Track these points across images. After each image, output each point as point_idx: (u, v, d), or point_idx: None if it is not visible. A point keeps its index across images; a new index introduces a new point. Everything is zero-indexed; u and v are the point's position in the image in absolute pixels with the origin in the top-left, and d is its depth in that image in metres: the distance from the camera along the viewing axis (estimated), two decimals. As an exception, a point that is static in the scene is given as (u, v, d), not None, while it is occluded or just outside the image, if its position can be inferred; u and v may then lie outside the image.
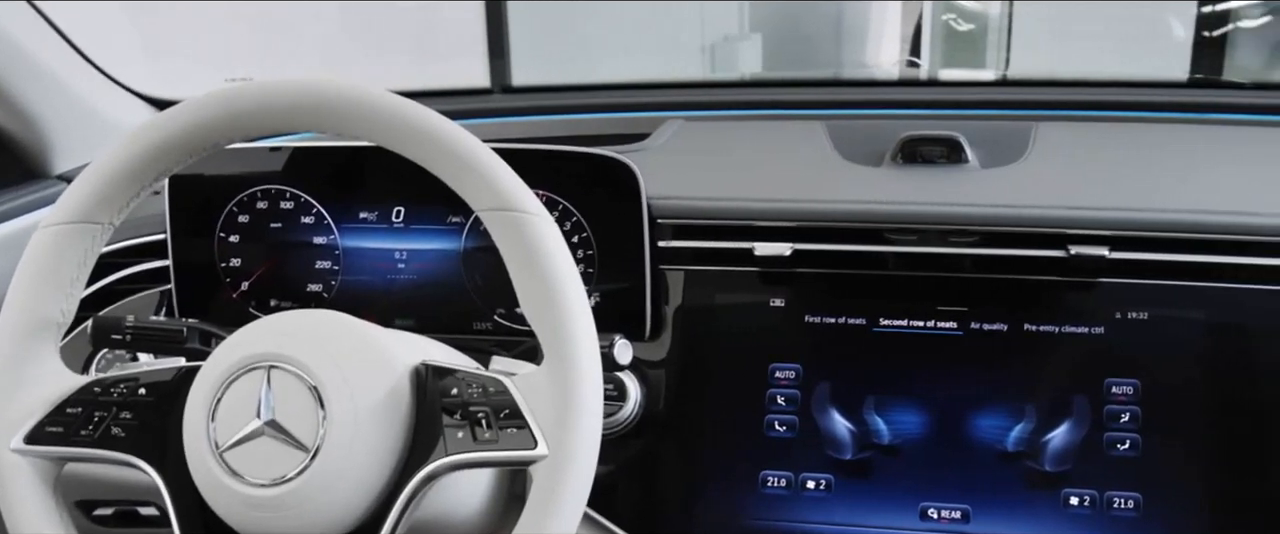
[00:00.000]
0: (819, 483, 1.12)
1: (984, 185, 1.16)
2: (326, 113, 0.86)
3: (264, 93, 0.88)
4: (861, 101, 1.41)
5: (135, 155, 0.89)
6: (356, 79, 0.88)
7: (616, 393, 1.13)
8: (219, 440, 0.83)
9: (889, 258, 1.13)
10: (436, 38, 3.00)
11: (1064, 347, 1.09)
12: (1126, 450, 1.07)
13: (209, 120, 0.88)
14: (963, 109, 1.38)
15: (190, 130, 0.88)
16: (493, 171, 0.86)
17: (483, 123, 1.42)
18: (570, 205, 1.15)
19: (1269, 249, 1.07)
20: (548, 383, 0.83)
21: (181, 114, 0.89)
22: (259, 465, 0.82)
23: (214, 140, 0.89)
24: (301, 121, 0.88)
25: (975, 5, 4.67)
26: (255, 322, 0.89)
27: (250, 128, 0.89)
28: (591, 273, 1.16)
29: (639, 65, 3.67)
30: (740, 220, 1.15)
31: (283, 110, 0.87)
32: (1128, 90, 1.42)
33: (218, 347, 0.88)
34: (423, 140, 0.86)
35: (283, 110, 0.87)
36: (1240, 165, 1.19)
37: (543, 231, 0.85)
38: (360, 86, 0.86)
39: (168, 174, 0.92)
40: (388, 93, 0.87)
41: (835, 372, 1.13)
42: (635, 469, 1.15)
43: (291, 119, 0.88)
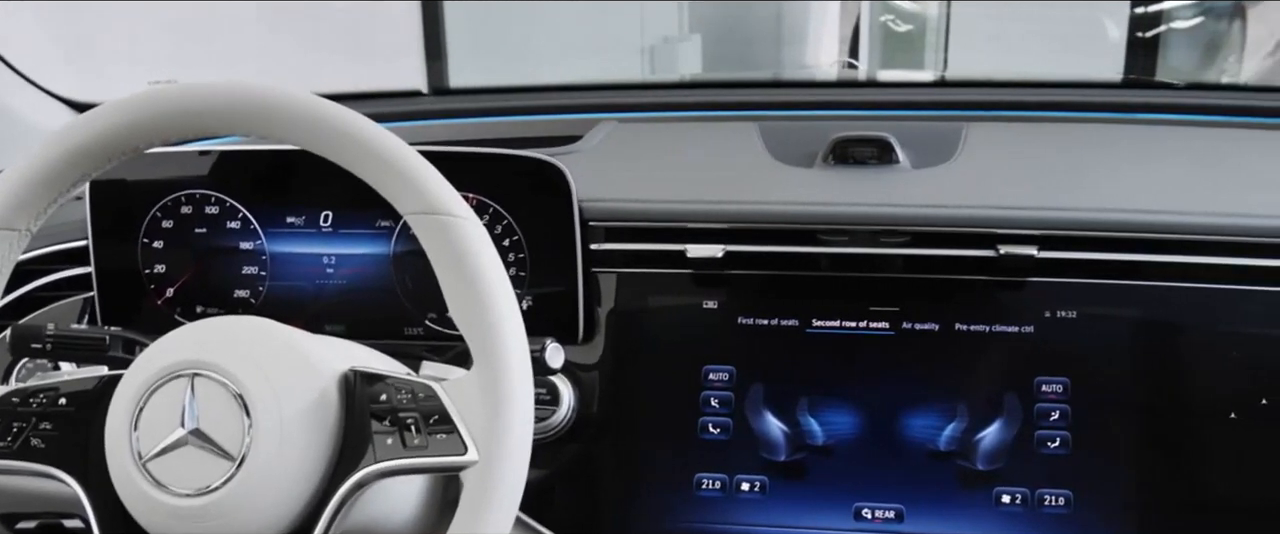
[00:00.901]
0: (753, 485, 1.11)
1: (914, 186, 1.17)
2: (249, 116, 0.85)
3: (185, 96, 0.86)
4: (794, 102, 1.41)
5: (53, 160, 0.87)
6: (282, 81, 0.87)
7: (549, 397, 1.12)
8: (142, 450, 0.81)
9: (821, 259, 1.13)
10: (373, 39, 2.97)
11: (994, 346, 1.10)
12: (1057, 448, 1.07)
13: (129, 124, 0.86)
14: (895, 110, 1.39)
15: (110, 134, 0.87)
16: (419, 174, 0.85)
17: (414, 125, 1.41)
18: (501, 209, 1.14)
19: (1195, 247, 1.08)
20: (477, 388, 0.82)
21: (101, 117, 0.87)
22: (184, 475, 0.80)
23: (135, 144, 0.87)
24: (224, 125, 0.86)
25: (913, 6, 4.70)
26: (179, 329, 0.87)
27: (172, 131, 0.87)
28: (523, 276, 1.15)
29: (579, 67, 3.66)
30: (672, 222, 1.15)
31: (204, 113, 0.86)
32: (1059, 91, 1.44)
33: (140, 354, 0.86)
34: (347, 143, 0.85)
35: (204, 113, 0.86)
36: (1170, 165, 1.21)
37: (470, 235, 0.84)
38: (282, 89, 0.85)
39: (88, 179, 0.90)
40: (311, 95, 0.85)
41: (768, 373, 1.13)
42: (569, 473, 1.15)
43: (214, 122, 0.86)
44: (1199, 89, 2.05)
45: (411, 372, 0.91)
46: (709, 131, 1.34)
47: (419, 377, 0.87)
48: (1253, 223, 1.07)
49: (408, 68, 2.86)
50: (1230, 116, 1.36)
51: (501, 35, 3.58)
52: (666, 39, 4.22)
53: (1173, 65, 4.27)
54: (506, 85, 1.56)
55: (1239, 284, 1.07)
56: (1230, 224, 1.07)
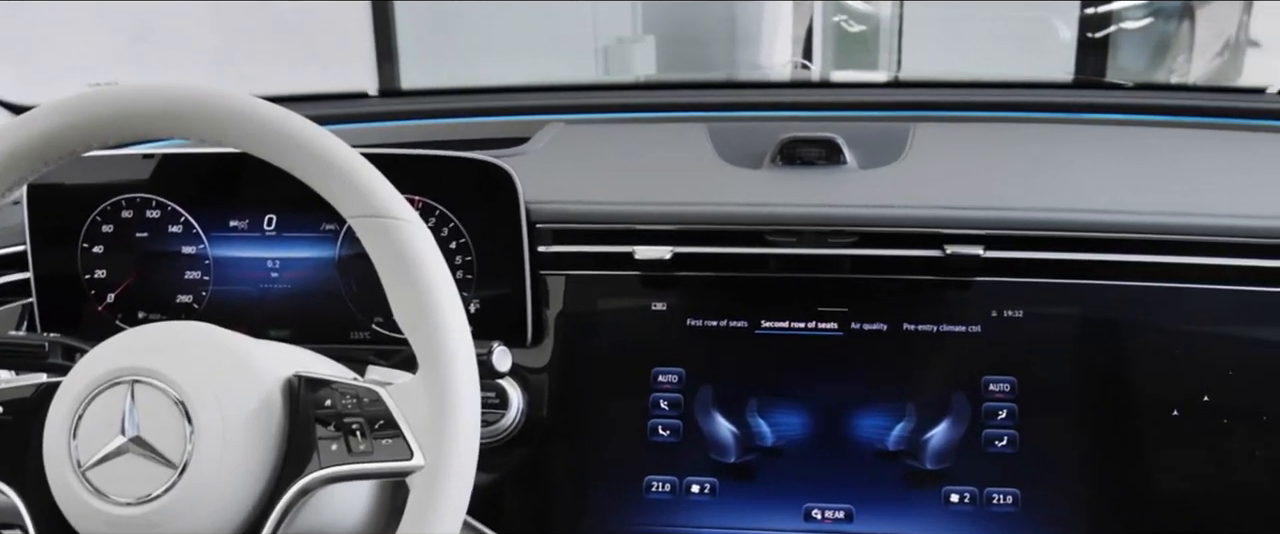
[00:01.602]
0: (703, 486, 1.11)
1: (861, 186, 1.17)
2: (188, 119, 0.84)
3: (123, 98, 0.85)
4: (743, 103, 1.41)
5: None
6: (224, 84, 0.86)
7: (498, 400, 1.12)
8: (81, 458, 0.80)
9: (769, 260, 1.13)
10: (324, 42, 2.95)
11: (942, 346, 1.10)
12: (1004, 447, 1.08)
13: (65, 127, 0.85)
14: (843, 110, 1.39)
15: (46, 137, 0.85)
16: (361, 177, 0.84)
17: (361, 128, 1.40)
18: (447, 211, 1.13)
19: (1140, 246, 1.09)
20: (423, 392, 0.82)
21: (37, 120, 0.85)
22: (124, 483, 0.79)
23: (71, 148, 0.86)
24: (163, 128, 0.85)
25: (866, 7, 4.72)
26: (119, 335, 0.86)
27: (109, 134, 0.86)
28: (470, 279, 1.14)
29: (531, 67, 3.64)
30: (620, 224, 1.14)
31: (143, 116, 0.85)
32: (1008, 91, 1.44)
33: (80, 361, 0.84)
34: (287, 146, 0.84)
35: (143, 116, 0.85)
36: (1116, 164, 1.22)
37: (414, 238, 0.83)
38: (221, 91, 0.84)
39: (24, 183, 0.88)
40: (250, 97, 0.84)
41: (718, 375, 1.13)
42: (519, 477, 1.14)
43: (152, 125, 0.85)
44: (1147, 89, 2.06)
45: (357, 376, 0.91)
46: (657, 133, 1.34)
47: (364, 381, 0.86)
48: (1196, 222, 1.08)
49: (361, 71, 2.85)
50: (1178, 116, 1.37)
51: (454, 37, 3.57)
52: (620, 40, 4.21)
53: (1123, 65, 4.31)
54: (454, 87, 1.55)
55: (1182, 283, 1.08)
56: (1174, 223, 1.08)
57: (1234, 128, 1.33)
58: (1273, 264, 1.07)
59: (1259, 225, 1.08)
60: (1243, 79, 4.77)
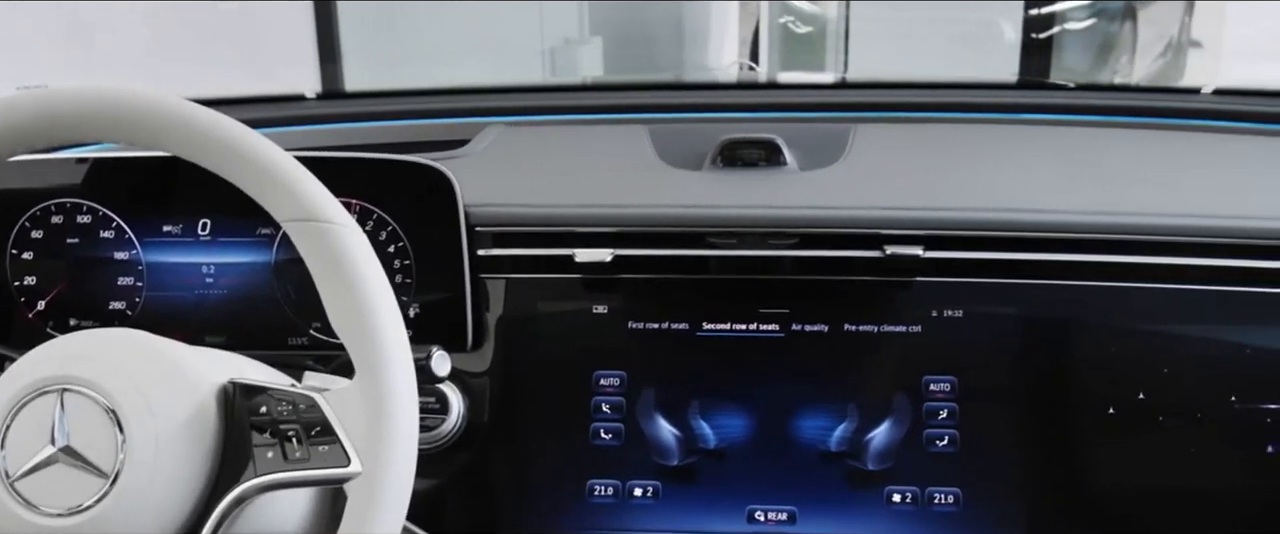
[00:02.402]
0: (646, 490, 1.11)
1: (802, 187, 1.17)
2: (116, 122, 0.83)
3: (48, 102, 0.83)
4: (685, 105, 1.40)
5: None
6: (163, 86, 0.85)
7: (438, 405, 1.11)
8: (9, 469, 0.78)
9: (710, 261, 1.13)
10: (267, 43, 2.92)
11: (883, 346, 1.11)
12: (945, 446, 1.09)
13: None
14: (784, 111, 1.39)
15: None
16: (295, 180, 0.84)
17: (298, 130, 1.38)
18: (385, 215, 1.12)
19: (1077, 245, 1.09)
20: (360, 398, 0.81)
21: None
22: (54, 494, 0.78)
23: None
24: (90, 131, 0.84)
25: (813, 8, 4.74)
26: (48, 343, 0.84)
27: (34, 138, 0.85)
28: (409, 283, 1.13)
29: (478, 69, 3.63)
30: (560, 227, 1.14)
31: (69, 120, 0.83)
32: (950, 92, 1.45)
33: (7, 370, 0.83)
34: (219, 149, 0.83)
35: (69, 120, 0.83)
36: (1056, 164, 1.22)
37: (349, 242, 0.83)
38: (151, 93, 0.83)
39: None
40: (180, 100, 0.83)
41: (660, 377, 1.12)
42: (460, 482, 1.14)
43: (79, 129, 0.84)
44: (1089, 90, 2.08)
45: (295, 382, 0.90)
46: (598, 135, 1.34)
47: (301, 387, 0.85)
48: (1131, 221, 1.09)
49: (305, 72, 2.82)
50: (1118, 117, 1.38)
51: (398, 38, 3.55)
52: (567, 41, 4.21)
53: (1067, 66, 4.37)
54: (394, 89, 1.54)
55: (1119, 281, 1.09)
56: (1110, 222, 1.09)
57: (1171, 127, 1.34)
58: (1207, 262, 1.08)
59: (1193, 224, 1.09)
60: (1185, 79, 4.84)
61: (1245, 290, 1.08)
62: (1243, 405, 1.06)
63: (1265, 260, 1.07)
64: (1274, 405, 1.06)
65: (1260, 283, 1.08)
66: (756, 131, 1.21)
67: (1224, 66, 5.10)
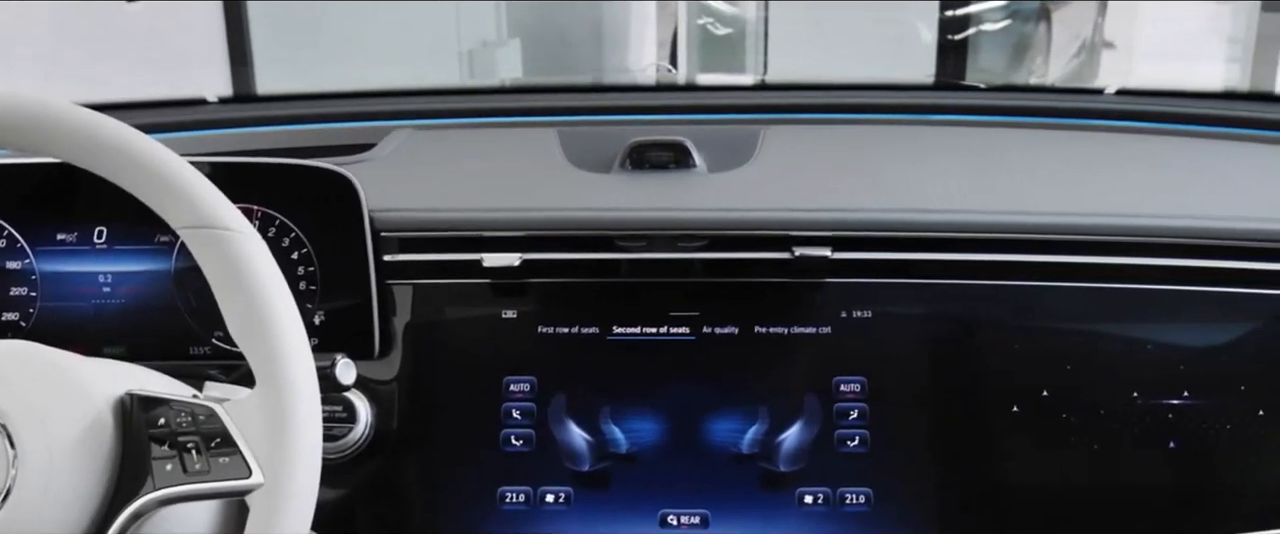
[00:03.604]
0: (558, 496, 1.10)
1: (710, 189, 1.17)
2: (5, 126, 0.81)
3: None
4: (595, 107, 1.40)
5: None
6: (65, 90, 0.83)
7: (345, 414, 1.09)
8: None
9: (619, 265, 1.12)
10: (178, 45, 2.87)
11: (793, 347, 1.11)
12: (856, 447, 1.09)
13: None
14: (696, 113, 1.39)
15: None
16: (190, 187, 0.82)
17: (200, 135, 1.35)
18: (288, 221, 1.10)
19: (982, 245, 1.10)
20: (260, 407, 0.80)
21: None
22: None
23: None
24: None
25: (732, 9, 4.77)
26: None
27: None
28: (314, 290, 1.11)
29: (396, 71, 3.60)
30: (467, 231, 1.12)
31: None
32: (861, 93, 1.46)
33: None
34: (110, 155, 0.81)
35: None
36: (964, 165, 1.23)
37: (248, 249, 0.82)
38: (38, 97, 0.81)
39: None
40: (69, 104, 0.81)
41: (570, 382, 1.12)
42: (369, 491, 1.12)
43: None
44: (999, 91, 2.11)
45: (197, 393, 0.88)
46: (506, 138, 1.32)
47: (201, 398, 0.84)
48: (1035, 220, 1.10)
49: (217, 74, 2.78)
50: (1026, 117, 1.40)
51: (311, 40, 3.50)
52: (485, 43, 4.18)
53: (983, 67, 4.43)
54: (300, 92, 1.52)
55: (1023, 280, 1.10)
56: (1014, 221, 1.10)
57: (1076, 128, 1.36)
58: (1108, 261, 1.09)
59: (1094, 223, 1.10)
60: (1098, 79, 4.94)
61: (1146, 288, 1.09)
62: (1145, 402, 1.08)
63: (1164, 258, 1.09)
64: (1176, 401, 1.08)
65: (1159, 280, 1.09)
66: (666, 134, 1.21)
67: (1136, 67, 5.21)
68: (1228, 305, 1.09)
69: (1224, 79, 4.80)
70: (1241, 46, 4.67)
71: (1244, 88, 4.54)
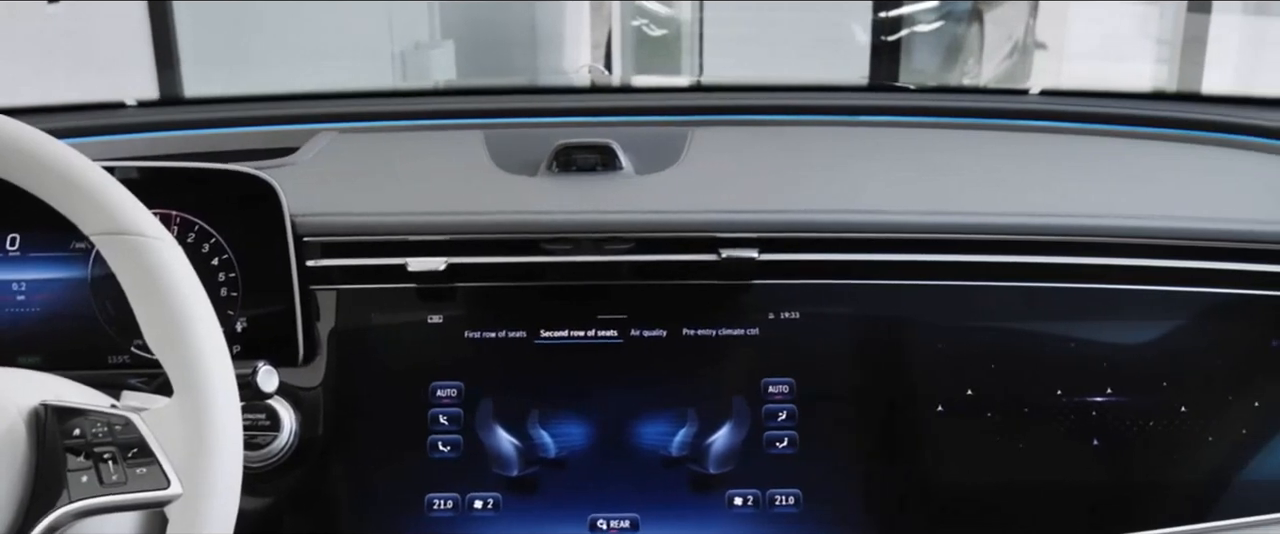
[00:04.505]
0: (486, 502, 1.09)
1: (637, 191, 1.17)
2: None
3: None
4: (522, 109, 1.39)
5: None
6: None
7: (269, 422, 1.08)
8: None
9: (546, 268, 1.12)
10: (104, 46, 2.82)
11: (722, 349, 1.11)
12: (785, 448, 1.09)
13: None
14: (623, 115, 1.38)
15: None
16: (103, 192, 0.81)
17: (118, 140, 1.33)
18: (207, 226, 1.09)
19: (907, 245, 1.11)
20: (178, 417, 0.78)
21: None
22: None
23: None
24: None
25: (666, 10, 4.77)
26: None
27: None
28: (236, 297, 1.09)
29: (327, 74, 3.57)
30: (391, 235, 1.11)
31: None
32: (790, 94, 1.46)
33: None
34: (18, 159, 0.80)
35: None
36: (891, 165, 1.24)
37: (163, 256, 0.81)
38: None
39: None
40: None
41: (498, 387, 1.11)
42: (294, 500, 1.11)
43: None
44: (928, 92, 2.12)
45: (115, 403, 0.86)
46: (432, 140, 1.31)
47: (118, 408, 0.82)
48: (958, 220, 1.11)
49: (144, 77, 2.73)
50: (954, 117, 1.41)
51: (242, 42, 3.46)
52: (418, 45, 4.16)
53: (917, 68, 4.47)
54: (222, 95, 1.50)
55: (947, 280, 1.11)
56: (938, 221, 1.11)
57: (1002, 128, 1.37)
58: (1031, 260, 1.10)
59: (1018, 222, 1.11)
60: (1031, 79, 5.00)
61: (1070, 287, 1.10)
62: (1069, 399, 1.09)
63: (1087, 257, 1.10)
64: (1099, 399, 1.09)
65: (1083, 279, 1.10)
66: (594, 136, 1.20)
67: (1067, 67, 5.28)
68: (1151, 303, 1.11)
69: (1153, 79, 4.89)
70: (1169, 47, 4.76)
71: (1172, 88, 4.63)
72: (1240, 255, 1.10)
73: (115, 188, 0.81)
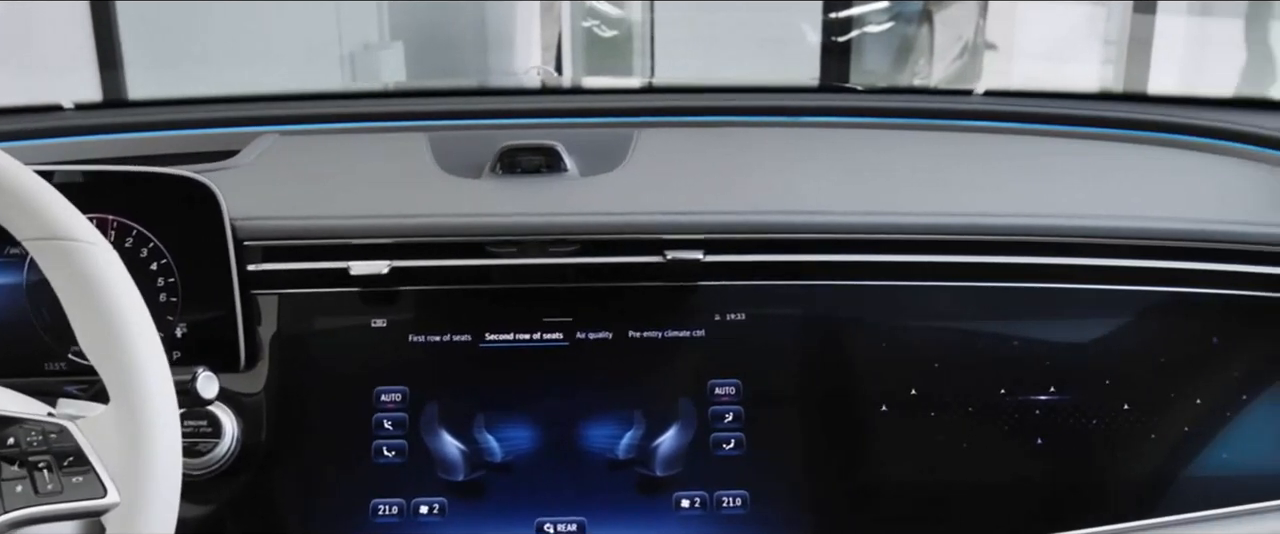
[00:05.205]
0: (432, 507, 1.08)
1: (582, 193, 1.16)
2: None
3: None
4: (467, 112, 1.38)
5: None
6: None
7: (210, 429, 1.06)
8: None
9: (491, 271, 1.11)
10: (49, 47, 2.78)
11: (668, 351, 1.10)
12: (732, 450, 1.09)
13: None
14: (570, 117, 1.38)
15: None
16: (35, 196, 0.80)
17: (55, 143, 1.31)
18: (145, 231, 1.07)
19: (851, 245, 1.11)
20: (114, 424, 0.78)
21: None
22: None
23: None
24: None
25: (617, 11, 4.77)
26: None
27: None
28: (175, 302, 1.08)
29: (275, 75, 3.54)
30: (333, 239, 1.10)
31: None
32: (736, 95, 1.46)
33: None
34: None
35: None
36: (836, 166, 1.24)
37: (97, 261, 0.80)
38: None
39: None
40: None
41: (443, 391, 1.10)
42: (237, 507, 1.09)
43: None
44: (874, 92, 2.13)
45: (52, 410, 0.85)
46: (375, 143, 1.30)
47: (54, 415, 0.82)
48: (902, 220, 1.12)
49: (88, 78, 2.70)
50: (900, 118, 1.41)
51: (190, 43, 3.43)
52: (367, 46, 4.13)
53: (868, 69, 4.49)
54: (163, 97, 1.48)
55: (891, 280, 1.11)
56: (881, 222, 1.11)
57: (954, 128, 1.38)
58: (975, 260, 1.11)
59: (962, 222, 1.12)
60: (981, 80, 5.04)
61: (1013, 286, 1.11)
62: (1012, 398, 1.10)
63: (1030, 256, 1.11)
64: (1043, 397, 1.10)
65: (1026, 278, 1.11)
66: (539, 137, 1.20)
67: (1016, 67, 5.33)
68: (1094, 302, 1.12)
69: (1100, 79, 4.94)
70: (1116, 48, 4.81)
71: (1119, 88, 4.68)
72: (1183, 254, 1.11)
73: (48, 192, 0.80)
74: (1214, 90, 5.10)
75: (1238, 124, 1.32)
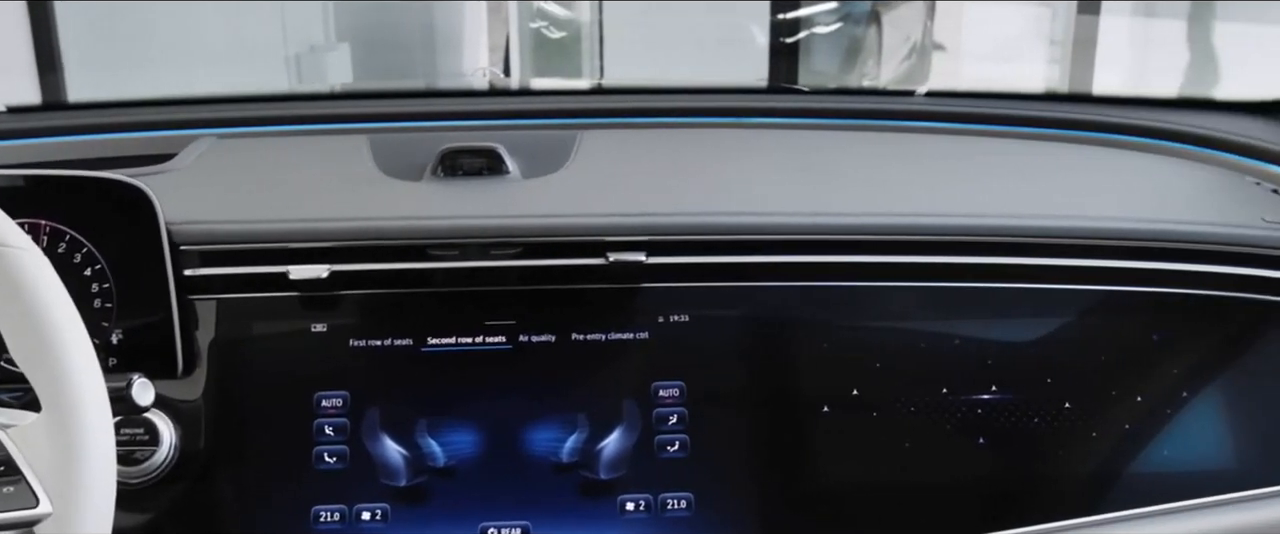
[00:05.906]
0: (375, 513, 1.07)
1: (524, 196, 1.16)
2: None
3: None
4: (408, 114, 1.37)
5: None
6: None
7: (147, 436, 1.05)
8: None
9: (433, 275, 1.10)
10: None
11: (611, 354, 1.10)
12: (676, 452, 1.08)
13: None
14: (513, 119, 1.37)
15: None
16: None
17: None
18: (78, 236, 1.05)
19: (794, 246, 1.11)
20: (46, 433, 0.76)
21: None
22: None
23: None
24: None
25: (566, 12, 4.76)
26: None
27: None
28: (110, 308, 1.06)
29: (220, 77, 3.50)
30: (273, 243, 1.09)
31: None
32: (680, 97, 1.46)
33: None
34: None
35: None
36: (780, 167, 1.25)
37: (27, 267, 0.78)
38: None
39: None
40: None
41: (384, 396, 1.09)
42: (176, 516, 1.07)
43: None
44: (819, 93, 2.14)
45: (-17, 420, 0.84)
46: (315, 145, 1.29)
47: None
48: (843, 221, 1.12)
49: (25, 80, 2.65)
50: (844, 118, 1.42)
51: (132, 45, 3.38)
52: (313, 47, 4.10)
53: (816, 70, 4.51)
54: (99, 100, 1.46)
55: (833, 280, 1.11)
56: (822, 223, 1.12)
57: (899, 129, 1.39)
58: (917, 260, 1.12)
59: (903, 222, 1.12)
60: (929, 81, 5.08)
61: (954, 286, 1.12)
62: (954, 397, 1.10)
63: (969, 256, 1.11)
64: (984, 396, 1.10)
65: (967, 278, 1.12)
66: (481, 139, 1.19)
67: (964, 68, 5.38)
68: (1035, 301, 1.13)
69: (1046, 79, 4.99)
70: (1061, 48, 4.86)
71: (1064, 88, 4.73)
72: (1121, 253, 1.12)
73: None
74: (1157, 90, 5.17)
75: (1177, 124, 1.34)
